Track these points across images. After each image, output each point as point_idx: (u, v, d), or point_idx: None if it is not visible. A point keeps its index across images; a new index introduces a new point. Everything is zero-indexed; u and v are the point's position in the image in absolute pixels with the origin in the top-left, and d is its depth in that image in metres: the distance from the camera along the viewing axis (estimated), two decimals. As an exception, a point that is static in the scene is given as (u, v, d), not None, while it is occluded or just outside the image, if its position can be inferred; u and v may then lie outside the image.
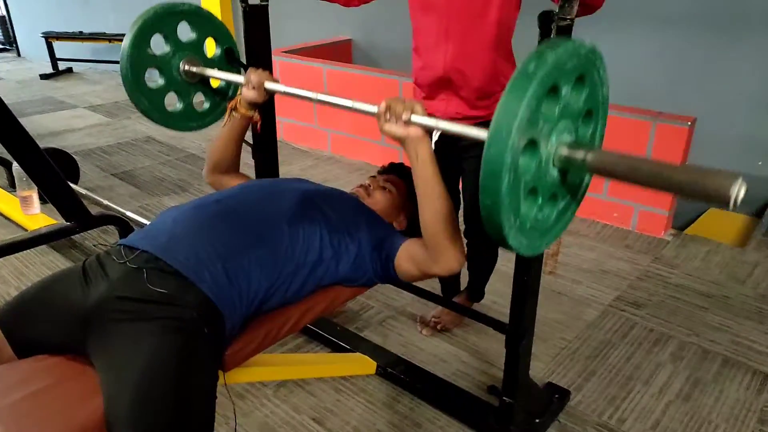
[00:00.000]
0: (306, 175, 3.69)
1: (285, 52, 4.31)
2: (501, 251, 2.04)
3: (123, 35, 1.58)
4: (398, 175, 1.70)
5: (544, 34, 1.18)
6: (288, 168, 3.76)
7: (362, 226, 1.38)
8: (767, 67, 3.10)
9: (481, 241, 2.00)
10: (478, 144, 1.82)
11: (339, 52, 4.74)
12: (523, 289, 1.41)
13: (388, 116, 1.16)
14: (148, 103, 1.58)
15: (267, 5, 1.80)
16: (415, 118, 1.15)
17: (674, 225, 3.01)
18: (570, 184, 1.03)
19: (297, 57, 4.22)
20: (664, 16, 3.22)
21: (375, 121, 1.20)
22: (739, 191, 0.80)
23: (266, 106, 1.87)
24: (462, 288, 2.25)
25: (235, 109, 1.51)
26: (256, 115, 1.54)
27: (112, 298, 1.09)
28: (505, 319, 1.58)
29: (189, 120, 1.70)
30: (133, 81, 1.55)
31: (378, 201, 1.57)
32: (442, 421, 1.76)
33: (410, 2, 1.80)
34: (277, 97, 1.75)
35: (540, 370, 1.98)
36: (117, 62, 1.63)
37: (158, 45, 1.59)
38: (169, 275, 1.12)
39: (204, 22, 1.65)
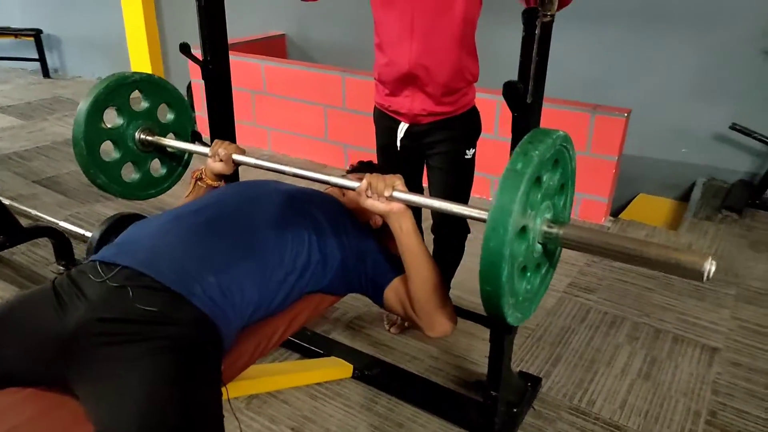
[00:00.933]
0: (247, 176, 3.57)
1: (217, 47, 4.14)
2: (467, 246, 2.06)
3: (32, 30, 1.54)
4: (370, 173, 1.67)
5: (528, 30, 1.19)
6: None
7: (348, 230, 1.36)
8: (690, 62, 3.33)
9: (449, 238, 2.01)
10: (444, 140, 1.84)
11: (273, 47, 4.62)
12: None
13: (369, 193, 1.19)
14: (105, 178, 1.58)
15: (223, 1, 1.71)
16: (396, 194, 1.19)
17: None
18: (549, 251, 1.14)
19: (232, 53, 4.07)
20: (598, 12, 3.37)
21: (318, 117, 1.20)
22: (711, 267, 0.93)
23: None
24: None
25: (200, 179, 1.52)
26: (222, 184, 1.55)
27: (93, 321, 1.00)
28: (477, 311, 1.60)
29: (147, 188, 1.72)
30: (89, 157, 1.53)
31: (351, 200, 1.54)
32: (423, 419, 1.76)
33: (372, 1, 1.77)
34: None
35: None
36: (25, 59, 1.51)
37: (110, 117, 1.59)
38: (157, 292, 1.04)
39: (156, 90, 1.67)
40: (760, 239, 2.91)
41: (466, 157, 1.86)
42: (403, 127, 1.87)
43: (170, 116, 1.74)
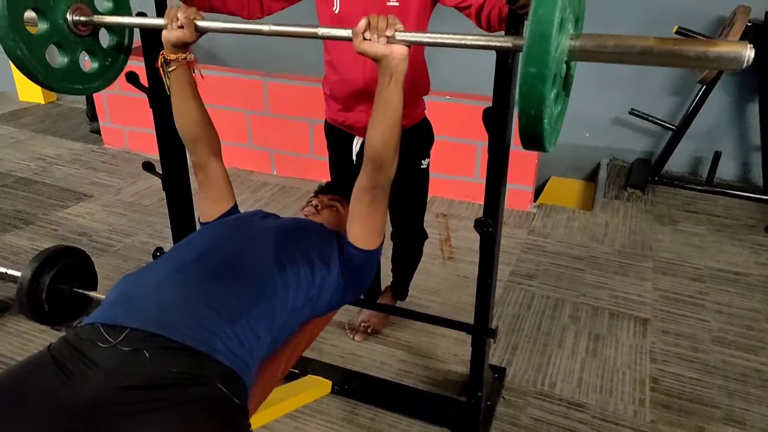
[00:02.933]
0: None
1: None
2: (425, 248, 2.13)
3: None
4: (339, 194, 1.68)
5: (502, 62, 1.26)
6: (145, 183, 3.43)
7: (333, 252, 1.37)
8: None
9: (409, 243, 2.07)
10: (400, 153, 1.89)
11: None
12: (488, 292, 1.51)
13: (368, 34, 1.11)
14: (27, 52, 1.30)
15: (167, 23, 1.63)
16: (399, 35, 1.10)
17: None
18: (569, 71, 1.06)
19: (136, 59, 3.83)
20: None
21: (240, 123, 1.17)
22: (750, 53, 0.87)
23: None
24: (383, 288, 2.31)
25: (165, 63, 1.33)
26: (191, 55, 1.35)
27: (115, 390, 0.95)
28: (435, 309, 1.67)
29: (74, 81, 1.45)
30: (9, 20, 1.25)
31: (328, 220, 1.56)
32: (404, 423, 1.82)
33: (320, 15, 1.77)
34: (122, 102, 1.58)
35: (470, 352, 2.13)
36: None
37: None
38: (177, 352, 1.00)
39: None
40: (662, 213, 3.24)
41: (422, 167, 1.92)
42: (358, 141, 1.89)
43: (108, 5, 1.48)
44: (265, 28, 1.24)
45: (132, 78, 1.57)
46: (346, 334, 2.22)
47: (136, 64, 1.60)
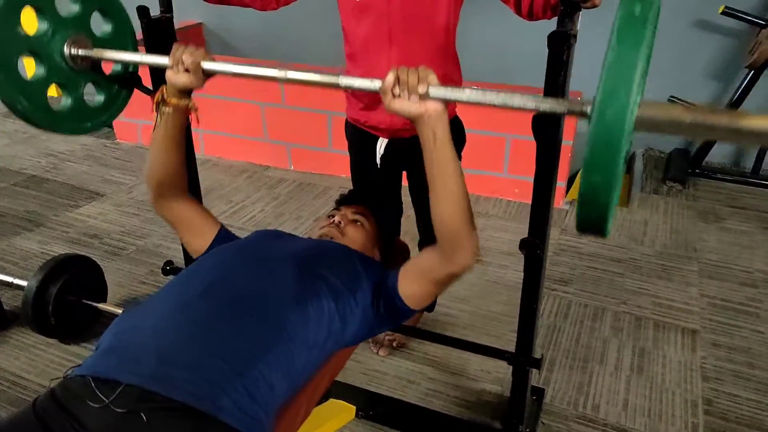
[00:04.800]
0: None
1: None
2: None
3: None
4: (365, 204, 1.52)
5: (556, 55, 1.08)
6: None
7: (360, 280, 1.21)
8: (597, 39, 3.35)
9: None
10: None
11: (189, 38, 4.26)
12: (532, 318, 1.35)
13: (397, 90, 0.97)
14: (27, 102, 1.18)
15: (171, 17, 1.47)
16: (433, 90, 0.97)
17: (564, 192, 3.19)
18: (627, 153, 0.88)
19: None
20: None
21: (255, 116, 1.00)
22: None
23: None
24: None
25: (163, 102, 1.19)
26: (193, 103, 1.23)
27: (106, 462, 0.81)
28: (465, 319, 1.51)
29: (82, 119, 1.33)
30: (4, 73, 1.14)
31: (353, 239, 1.39)
32: (435, 452, 1.68)
33: (341, 6, 1.60)
34: (135, 94, 1.44)
35: (506, 371, 1.96)
36: None
37: (31, 21, 1.19)
38: (178, 413, 0.86)
39: None
40: (706, 209, 3.03)
41: (452, 170, 1.75)
42: (382, 143, 1.73)
43: (107, 28, 1.35)
44: (280, 74, 1.10)
45: (133, 80, 1.41)
46: (370, 348, 2.07)
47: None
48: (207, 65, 1.15)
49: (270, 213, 2.99)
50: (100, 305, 2.12)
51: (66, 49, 1.24)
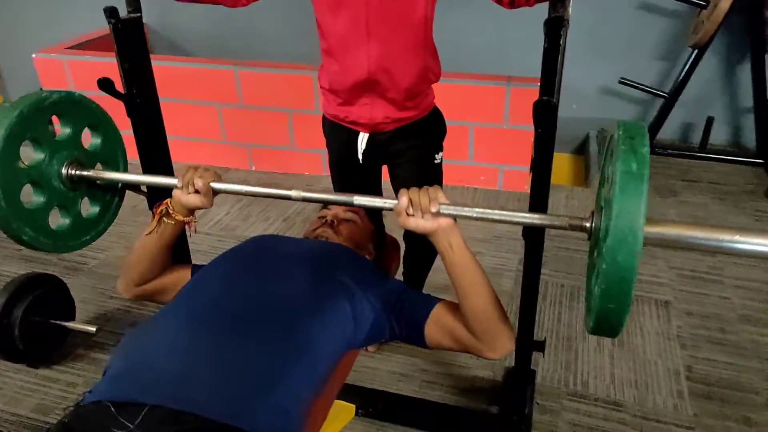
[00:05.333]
0: (142, 193, 3.15)
1: (69, 47, 3.56)
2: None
3: None
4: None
5: (552, 41, 1.09)
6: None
7: (368, 280, 1.19)
8: (572, 24, 3.43)
9: (424, 243, 1.90)
10: (411, 147, 1.72)
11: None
12: (534, 302, 1.37)
13: (411, 211, 1.03)
14: (32, 231, 1.22)
15: (140, 17, 1.40)
16: (443, 209, 1.04)
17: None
18: None
19: (83, 52, 3.52)
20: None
21: (211, 117, 1.00)
22: None
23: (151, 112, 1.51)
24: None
25: (166, 215, 1.20)
26: (194, 218, 1.24)
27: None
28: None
29: (81, 234, 1.37)
30: (10, 208, 1.17)
31: (348, 237, 1.38)
32: (436, 442, 1.68)
33: (315, 0, 1.56)
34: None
35: (495, 355, 1.99)
36: None
37: (26, 152, 1.23)
38: None
39: (78, 110, 1.32)
40: (661, 184, 3.15)
41: (435, 161, 1.75)
42: (363, 138, 1.70)
43: (95, 141, 1.39)
44: (296, 195, 1.14)
45: (106, 85, 1.34)
46: (358, 345, 2.05)
47: (106, 61, 1.38)
48: (218, 186, 1.18)
49: (236, 216, 2.92)
50: (69, 324, 2.01)
51: (64, 171, 1.28)
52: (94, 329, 1.95)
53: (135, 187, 1.53)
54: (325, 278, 1.11)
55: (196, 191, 1.16)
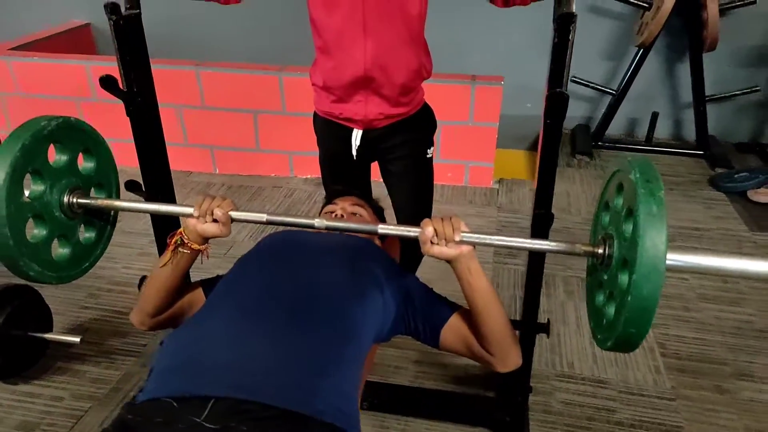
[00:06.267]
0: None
1: (13, 48, 3.38)
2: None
3: None
4: (358, 195, 1.52)
5: (562, 36, 1.17)
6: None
7: (392, 272, 1.23)
8: (527, 24, 3.57)
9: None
10: (404, 143, 1.76)
11: (77, 41, 3.93)
12: (536, 288, 1.44)
13: (436, 240, 1.08)
14: (38, 267, 1.18)
15: (140, 13, 1.37)
16: (465, 237, 1.09)
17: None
18: None
19: (32, 54, 3.35)
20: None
21: (172, 119, 1.04)
22: None
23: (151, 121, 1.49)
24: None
25: (181, 244, 1.18)
26: (209, 245, 1.22)
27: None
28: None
29: (80, 262, 1.34)
30: (17, 246, 1.13)
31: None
32: (438, 429, 1.73)
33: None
34: (26, 104, 1.38)
35: (483, 343, 2.06)
36: None
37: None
38: (277, 421, 0.82)
39: (73, 135, 1.28)
40: (615, 177, 3.33)
41: (427, 156, 1.80)
42: (357, 134, 1.73)
43: (89, 165, 1.35)
44: (319, 223, 1.13)
45: (108, 83, 1.30)
46: (350, 341, 2.07)
47: (54, 62, 1.34)
48: (235, 215, 1.17)
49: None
50: (48, 335, 1.92)
51: (66, 200, 1.25)
52: (77, 339, 1.88)
53: (135, 186, 1.50)
54: (359, 268, 1.14)
55: (214, 220, 1.15)
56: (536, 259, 1.43)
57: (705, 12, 3.09)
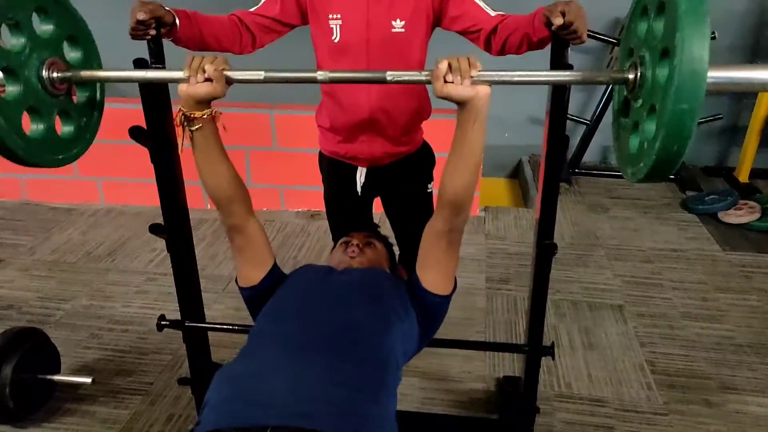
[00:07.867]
0: (90, 236, 3.05)
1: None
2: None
3: None
4: (370, 232, 1.61)
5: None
6: (60, 236, 3.04)
7: (406, 298, 1.31)
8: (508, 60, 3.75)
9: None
10: (406, 179, 1.85)
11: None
12: (542, 310, 1.54)
13: (450, 77, 1.03)
14: (4, 122, 1.05)
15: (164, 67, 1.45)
16: (483, 74, 1.03)
17: (477, 201, 3.47)
18: None
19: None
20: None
21: None
22: None
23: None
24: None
25: (188, 119, 1.12)
26: (217, 110, 1.16)
27: None
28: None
29: (55, 150, 1.20)
30: None
31: (371, 258, 1.48)
32: (449, 453, 1.79)
33: (316, 46, 1.68)
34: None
35: (483, 368, 2.15)
36: None
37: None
38: None
39: (61, 14, 1.19)
40: (593, 202, 3.50)
41: (427, 191, 1.90)
42: (362, 172, 1.82)
43: (74, 55, 1.24)
44: (319, 75, 1.14)
45: (138, 133, 1.37)
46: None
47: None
48: (231, 74, 1.11)
49: (203, 255, 2.90)
50: (56, 377, 1.94)
51: (45, 72, 1.13)
52: (89, 380, 1.90)
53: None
54: (384, 301, 1.21)
55: (206, 80, 1.08)
56: (540, 282, 1.52)
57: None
